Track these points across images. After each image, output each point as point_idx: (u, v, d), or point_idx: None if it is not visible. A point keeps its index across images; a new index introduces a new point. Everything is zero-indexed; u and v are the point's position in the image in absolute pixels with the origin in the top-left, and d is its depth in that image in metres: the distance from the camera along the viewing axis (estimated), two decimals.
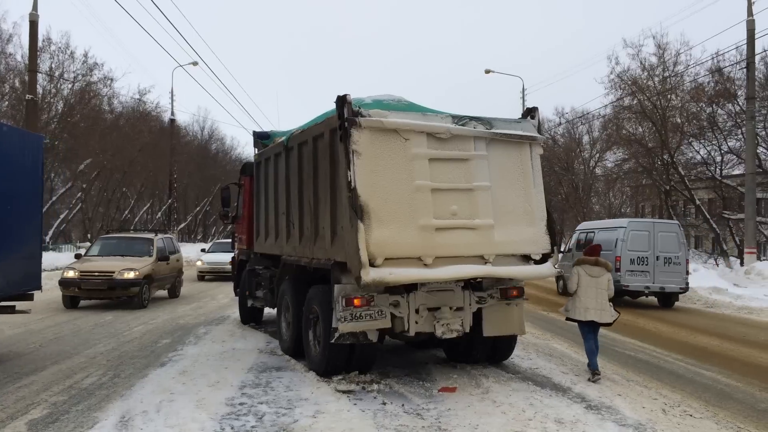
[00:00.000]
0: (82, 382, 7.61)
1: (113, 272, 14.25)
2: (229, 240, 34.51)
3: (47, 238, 32.39)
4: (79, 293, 14.38)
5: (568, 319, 8.42)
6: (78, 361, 8.81)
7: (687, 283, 16.86)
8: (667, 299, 16.90)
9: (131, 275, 14.32)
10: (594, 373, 7.97)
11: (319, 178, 7.97)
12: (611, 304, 8.23)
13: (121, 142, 35.04)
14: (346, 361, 7.68)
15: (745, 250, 23.52)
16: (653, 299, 17.32)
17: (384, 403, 6.71)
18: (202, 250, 26.25)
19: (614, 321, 8.26)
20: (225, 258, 22.67)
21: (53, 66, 30.77)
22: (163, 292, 17.18)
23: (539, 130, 8.16)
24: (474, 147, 7.53)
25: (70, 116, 31.59)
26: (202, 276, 23.78)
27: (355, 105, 7.05)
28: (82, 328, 11.64)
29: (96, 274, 14.29)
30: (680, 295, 17.02)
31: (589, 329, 8.22)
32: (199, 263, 24.32)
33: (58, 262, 21.78)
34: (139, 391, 7.09)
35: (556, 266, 7.79)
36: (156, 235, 16.99)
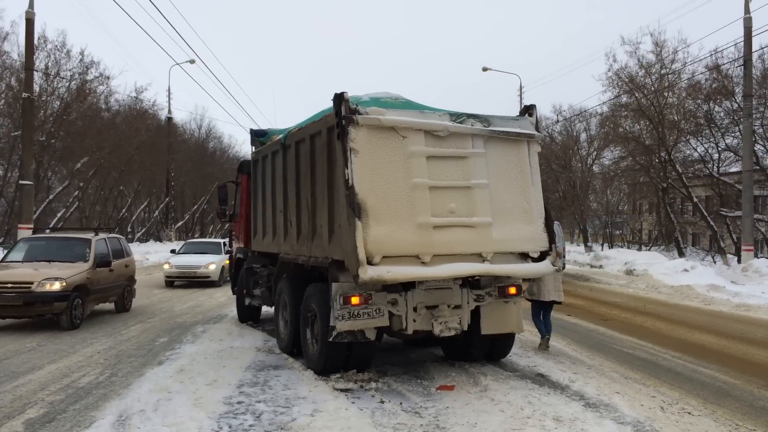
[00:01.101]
0: (79, 381, 7.59)
1: (32, 283, 11.07)
2: (206, 239, 33.81)
3: None
4: None
5: (530, 300, 9.61)
6: (75, 359, 8.79)
7: None
8: None
9: (56, 286, 11.12)
10: (544, 338, 9.66)
11: (316, 176, 7.95)
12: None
13: (118, 140, 35.00)
14: (344, 360, 7.67)
15: (743, 247, 23.53)
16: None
17: (382, 402, 6.70)
18: (172, 251, 22.75)
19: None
20: (199, 260, 20.46)
21: (50, 64, 30.71)
22: (108, 306, 13.91)
23: (537, 128, 8.15)
24: (472, 145, 7.52)
25: (67, 114, 31.52)
26: (171, 281, 20.36)
27: (353, 103, 7.03)
28: None
29: (9, 285, 11.01)
30: (677, 293, 16.97)
31: (546, 308, 9.80)
32: (166, 266, 20.65)
33: None
34: (136, 390, 7.07)
35: (554, 264, 7.78)
36: (96, 234, 13.46)
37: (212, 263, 20.43)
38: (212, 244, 23.57)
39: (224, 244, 23.07)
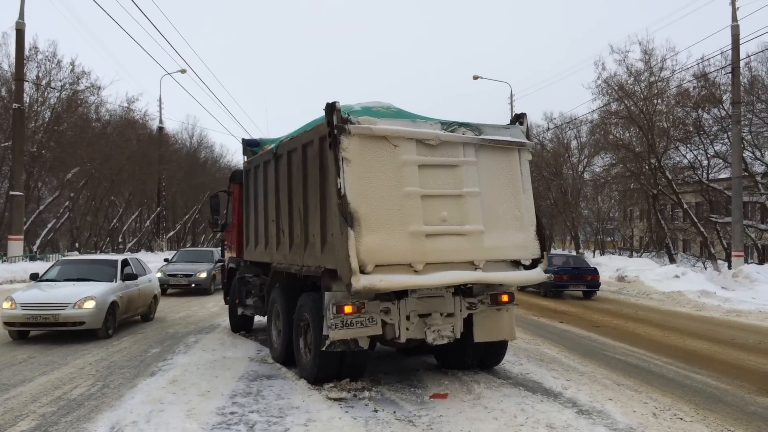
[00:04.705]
0: (71, 392, 7.54)
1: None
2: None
3: (35, 248, 32.17)
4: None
5: None
6: (66, 371, 8.73)
7: None
8: None
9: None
10: None
11: (308, 186, 7.96)
12: None
13: (109, 150, 34.94)
14: (338, 369, 7.66)
15: (733, 253, 23.71)
16: None
17: (376, 411, 6.69)
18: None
19: None
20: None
21: (40, 74, 30.72)
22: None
23: (528, 136, 8.20)
24: (463, 153, 7.56)
25: (58, 125, 31.50)
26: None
27: (344, 112, 7.06)
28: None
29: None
30: (668, 299, 17.07)
31: None
32: (158, 274, 19.77)
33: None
34: (128, 402, 7.03)
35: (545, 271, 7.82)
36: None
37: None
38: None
39: (216, 252, 23.23)
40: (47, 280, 12.36)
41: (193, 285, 20.47)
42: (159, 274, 20.17)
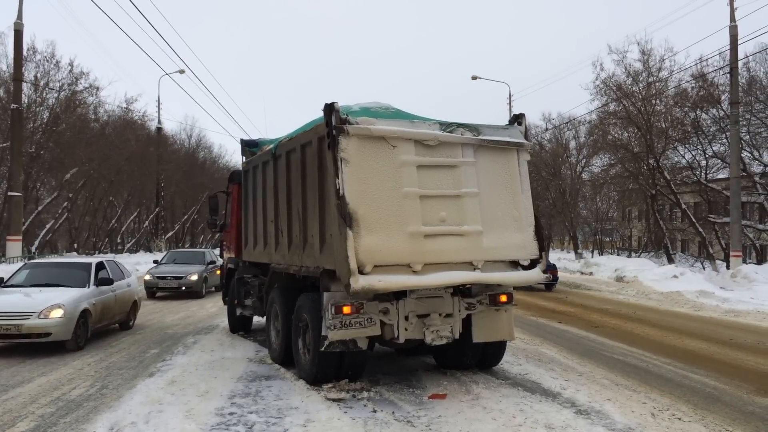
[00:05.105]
0: (70, 393, 7.54)
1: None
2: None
3: (33, 248, 32.13)
4: None
5: None
6: (65, 372, 8.73)
7: None
8: None
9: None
10: None
11: (307, 186, 7.97)
12: None
13: (107, 150, 34.89)
14: (336, 369, 7.66)
15: (731, 253, 23.71)
16: None
17: (374, 411, 6.70)
18: (155, 262, 22.01)
19: None
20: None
21: (38, 75, 30.67)
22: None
23: (526, 136, 8.21)
24: (462, 154, 7.57)
25: (56, 125, 31.44)
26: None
27: (343, 112, 7.07)
28: None
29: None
30: (667, 299, 17.08)
31: None
32: (147, 276, 19.79)
33: None
34: (127, 402, 7.03)
35: (544, 272, 7.82)
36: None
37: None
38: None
39: (209, 253, 22.75)
40: (12, 286, 11.13)
41: (183, 288, 19.52)
42: (147, 277, 19.71)
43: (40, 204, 33.86)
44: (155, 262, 22.01)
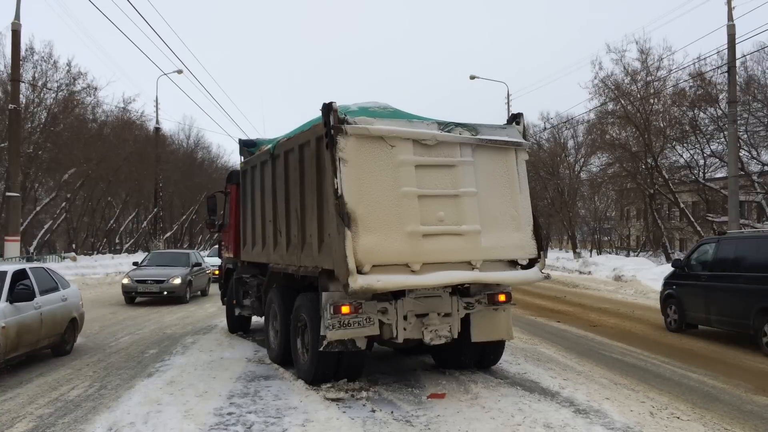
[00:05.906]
0: (68, 394, 7.54)
1: None
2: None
3: (31, 249, 32.10)
4: None
5: None
6: (64, 372, 8.72)
7: None
8: None
9: None
10: None
11: (305, 186, 7.96)
12: None
13: (105, 151, 34.81)
14: (335, 369, 7.67)
15: None
16: None
17: (373, 411, 6.70)
18: (135, 264, 20.20)
19: None
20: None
21: (36, 75, 30.61)
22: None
23: (524, 136, 8.22)
24: (460, 153, 7.57)
25: (54, 125, 31.38)
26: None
27: (341, 112, 7.07)
28: None
29: None
30: None
31: None
32: (125, 280, 18.35)
33: None
34: (126, 403, 7.03)
35: (542, 271, 7.83)
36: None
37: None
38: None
39: (194, 255, 21.61)
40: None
41: (165, 293, 17.98)
42: (126, 280, 18.32)
43: (38, 204, 33.81)
44: (135, 264, 20.26)
